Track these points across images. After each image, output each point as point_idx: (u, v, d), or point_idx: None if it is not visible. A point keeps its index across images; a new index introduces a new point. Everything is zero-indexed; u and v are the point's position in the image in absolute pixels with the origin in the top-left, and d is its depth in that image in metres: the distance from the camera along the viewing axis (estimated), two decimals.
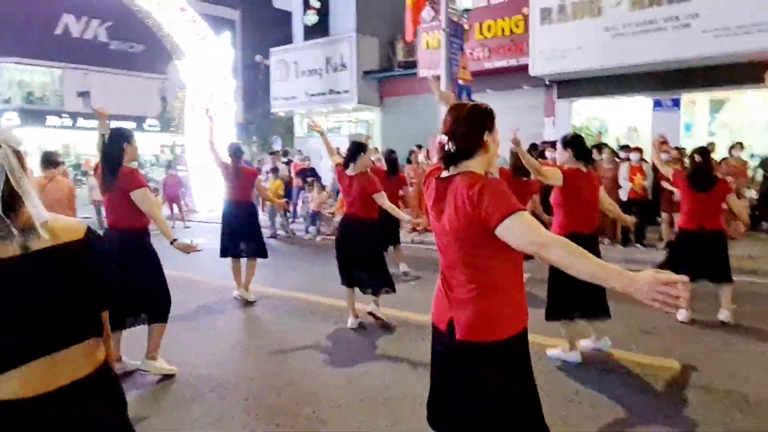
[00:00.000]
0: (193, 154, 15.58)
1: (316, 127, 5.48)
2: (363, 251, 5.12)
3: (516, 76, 13.52)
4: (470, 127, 1.99)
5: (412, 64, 16.78)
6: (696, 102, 12.83)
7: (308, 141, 18.49)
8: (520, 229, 1.77)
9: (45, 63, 31.68)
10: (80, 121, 31.66)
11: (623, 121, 14.46)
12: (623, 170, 8.89)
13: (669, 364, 4.14)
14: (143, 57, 34.12)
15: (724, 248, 5.03)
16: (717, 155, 9.34)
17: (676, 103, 12.04)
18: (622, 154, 9.54)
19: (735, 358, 4.30)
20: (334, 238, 5.60)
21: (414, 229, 9.25)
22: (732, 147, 9.85)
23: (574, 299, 4.05)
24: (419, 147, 12.55)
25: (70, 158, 28.34)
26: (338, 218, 10.43)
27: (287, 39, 20.07)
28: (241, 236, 6.27)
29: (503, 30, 13.37)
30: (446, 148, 2.00)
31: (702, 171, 5.01)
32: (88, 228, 1.39)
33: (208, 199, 15.29)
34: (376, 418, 3.38)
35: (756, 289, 6.40)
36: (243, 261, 6.36)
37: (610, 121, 14.49)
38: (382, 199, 4.96)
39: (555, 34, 12.14)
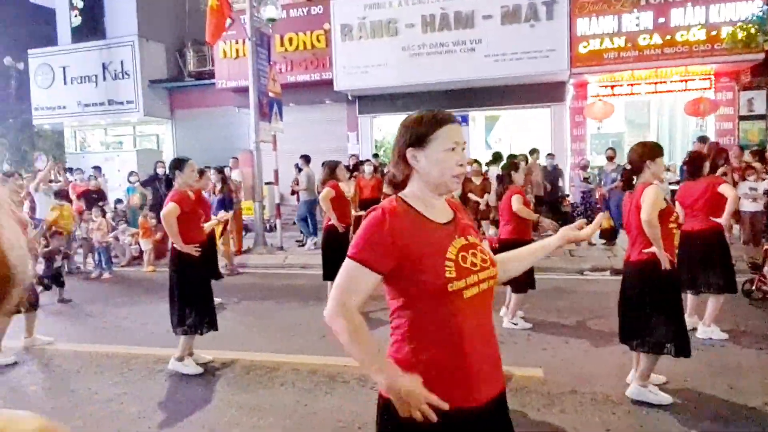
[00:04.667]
0: None
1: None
2: None
3: (318, 90, 13.52)
4: None
5: (205, 74, 15.70)
6: (475, 118, 14.30)
7: (85, 158, 16.04)
8: None
9: None
10: None
11: None
12: None
13: (533, 373, 4.29)
14: None
15: None
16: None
17: (465, 119, 13.25)
18: None
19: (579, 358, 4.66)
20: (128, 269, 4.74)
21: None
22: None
23: None
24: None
25: None
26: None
27: (50, 40, 17.17)
28: None
29: (305, 44, 13.27)
30: None
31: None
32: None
33: None
34: None
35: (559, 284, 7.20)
36: None
37: None
38: None
39: (356, 50, 12.44)
